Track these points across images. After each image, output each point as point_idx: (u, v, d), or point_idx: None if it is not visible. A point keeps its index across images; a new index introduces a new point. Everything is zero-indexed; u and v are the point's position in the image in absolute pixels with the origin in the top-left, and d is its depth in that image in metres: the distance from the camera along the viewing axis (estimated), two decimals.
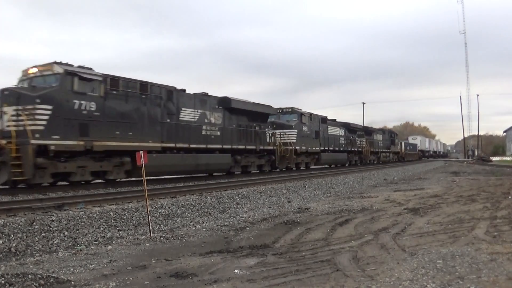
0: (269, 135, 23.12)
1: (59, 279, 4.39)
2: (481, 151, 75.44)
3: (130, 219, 8.46)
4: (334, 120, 34.04)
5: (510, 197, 10.94)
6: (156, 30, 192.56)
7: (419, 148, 68.15)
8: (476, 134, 78.65)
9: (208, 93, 18.98)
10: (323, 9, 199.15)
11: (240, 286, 4.10)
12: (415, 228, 6.96)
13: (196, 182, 16.00)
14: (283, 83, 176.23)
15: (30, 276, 4.39)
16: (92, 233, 7.32)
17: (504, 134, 79.65)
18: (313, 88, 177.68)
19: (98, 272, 4.71)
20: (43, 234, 6.86)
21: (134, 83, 14.81)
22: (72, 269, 4.85)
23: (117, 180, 14.23)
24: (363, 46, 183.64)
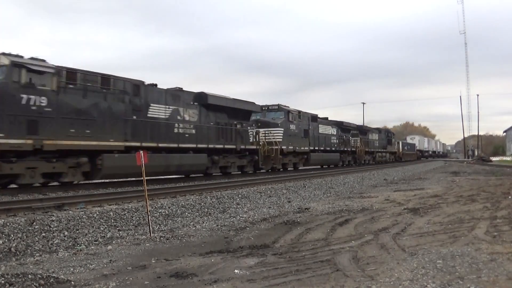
0: (253, 133, 21.62)
1: (59, 279, 4.39)
2: (481, 151, 75.44)
3: (130, 219, 8.46)
4: (325, 118, 32.33)
5: (510, 197, 10.94)
6: (156, 30, 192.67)
7: (418, 148, 67.25)
8: (476, 134, 78.83)
9: (183, 88, 17.53)
10: (324, 10, 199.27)
11: (240, 286, 4.10)
12: (415, 228, 6.97)
13: (196, 182, 16.00)
14: (283, 83, 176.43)
15: (30, 276, 4.39)
16: (92, 233, 7.31)
17: (504, 134, 79.72)
18: (313, 88, 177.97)
19: (98, 272, 4.71)
20: (43, 234, 6.86)
21: (94, 76, 13.55)
22: (72, 269, 4.85)
23: (74, 183, 12.91)
24: (363, 46, 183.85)
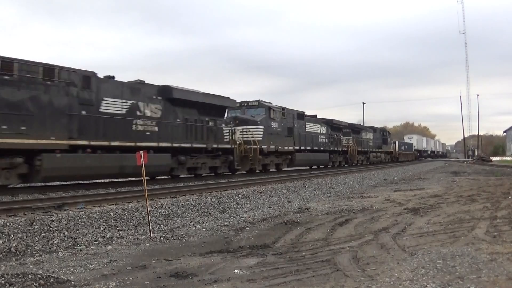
0: (230, 131, 19.81)
1: (59, 279, 4.40)
2: (481, 151, 75.40)
3: (130, 219, 8.46)
4: (314, 116, 30.33)
5: (510, 197, 10.94)
6: (156, 30, 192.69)
7: (415, 147, 65.76)
8: (476, 134, 78.88)
9: (145, 81, 15.83)
10: (325, 11, 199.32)
11: (240, 286, 4.10)
12: (415, 228, 6.97)
13: (197, 182, 16.00)
14: (283, 83, 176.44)
15: (30, 276, 4.39)
16: (92, 233, 7.31)
17: (504, 134, 79.75)
18: (313, 88, 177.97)
19: (98, 272, 4.71)
20: (43, 234, 6.85)
21: (35, 66, 12.10)
22: (72, 269, 4.85)
23: (9, 187, 11.66)
24: (363, 47, 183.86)
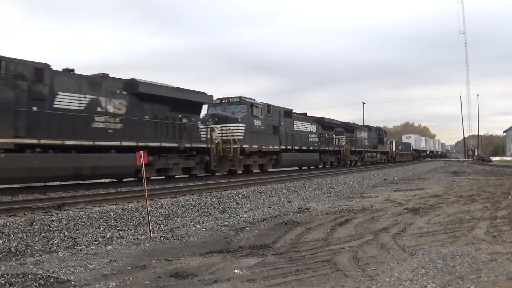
0: (208, 130, 18.23)
1: (59, 279, 4.39)
2: (481, 151, 75.42)
3: (130, 219, 8.46)
4: (304, 114, 28.98)
5: (510, 197, 10.94)
6: (157, 29, 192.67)
7: (414, 147, 64.65)
8: (476, 134, 78.90)
9: (109, 74, 14.35)
10: (325, 11, 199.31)
11: (240, 286, 4.10)
12: (415, 228, 6.96)
13: (196, 182, 16.00)
14: (283, 83, 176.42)
15: (30, 276, 4.39)
16: (92, 233, 7.31)
17: (504, 134, 79.74)
18: (313, 88, 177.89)
19: (98, 272, 4.71)
20: (43, 234, 6.85)
21: None
22: (72, 269, 4.85)
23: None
24: (364, 47, 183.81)
